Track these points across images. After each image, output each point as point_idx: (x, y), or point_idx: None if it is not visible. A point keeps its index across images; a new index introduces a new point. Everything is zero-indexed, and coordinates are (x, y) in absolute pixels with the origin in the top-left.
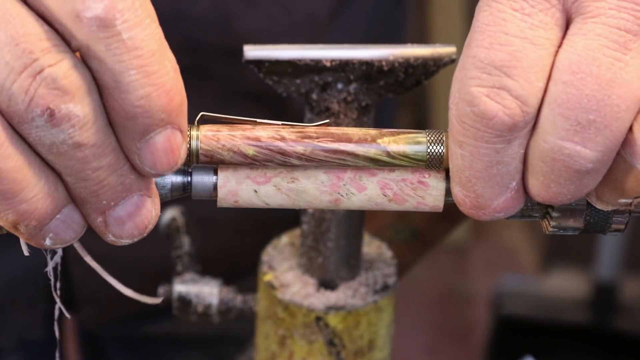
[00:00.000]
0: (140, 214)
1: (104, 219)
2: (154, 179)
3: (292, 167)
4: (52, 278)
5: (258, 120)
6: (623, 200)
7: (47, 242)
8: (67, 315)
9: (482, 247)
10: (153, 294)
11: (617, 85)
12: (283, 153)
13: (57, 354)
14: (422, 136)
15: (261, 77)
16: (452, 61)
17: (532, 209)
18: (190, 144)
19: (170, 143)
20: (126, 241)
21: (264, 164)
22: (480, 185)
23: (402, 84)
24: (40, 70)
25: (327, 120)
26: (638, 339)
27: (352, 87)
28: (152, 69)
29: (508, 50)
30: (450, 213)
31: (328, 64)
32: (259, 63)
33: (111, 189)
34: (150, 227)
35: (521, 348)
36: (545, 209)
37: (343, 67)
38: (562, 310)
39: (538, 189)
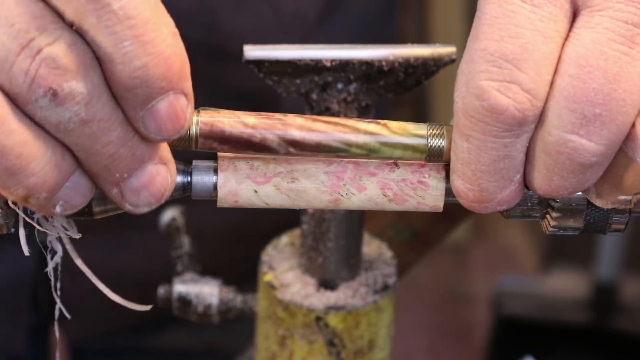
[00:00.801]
0: (155, 183)
1: (119, 190)
2: (167, 148)
3: (292, 160)
4: (52, 278)
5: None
6: (622, 197)
7: (58, 209)
8: (68, 316)
9: (482, 247)
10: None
11: (624, 79)
12: (284, 123)
13: (57, 354)
14: (422, 125)
15: (261, 77)
16: (452, 61)
17: (532, 209)
18: (190, 126)
19: (174, 108)
20: (144, 209)
21: (264, 137)
22: (485, 179)
23: (402, 84)
24: (39, 50)
25: None
26: (638, 339)
27: (352, 87)
28: (147, 38)
29: (519, 43)
30: (450, 213)
31: (328, 64)
32: (259, 63)
33: (123, 162)
34: (168, 194)
35: (521, 348)
36: (545, 209)
37: (343, 67)
38: (562, 310)
39: (540, 182)
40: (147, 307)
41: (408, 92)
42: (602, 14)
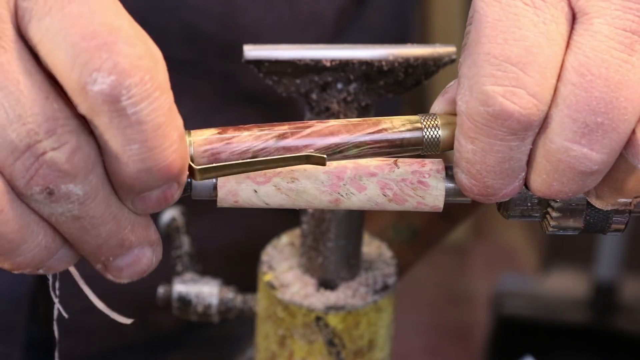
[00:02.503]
0: (140, 264)
1: (103, 266)
2: (155, 231)
3: (292, 167)
4: (50, 278)
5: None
6: (622, 200)
7: (40, 271)
8: (65, 315)
9: (482, 247)
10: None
11: (625, 87)
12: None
13: (56, 354)
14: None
15: (261, 77)
16: (452, 61)
17: (532, 209)
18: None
19: (165, 194)
20: (124, 281)
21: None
22: (490, 177)
23: (402, 84)
24: (43, 152)
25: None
26: (638, 339)
27: (352, 87)
28: (154, 144)
29: (523, 46)
30: (450, 213)
31: (328, 64)
32: (258, 63)
33: (110, 250)
34: (150, 271)
35: (521, 348)
36: (545, 209)
37: (343, 67)
38: (562, 310)
39: (539, 185)
40: (129, 321)
41: (408, 92)
42: (600, 21)
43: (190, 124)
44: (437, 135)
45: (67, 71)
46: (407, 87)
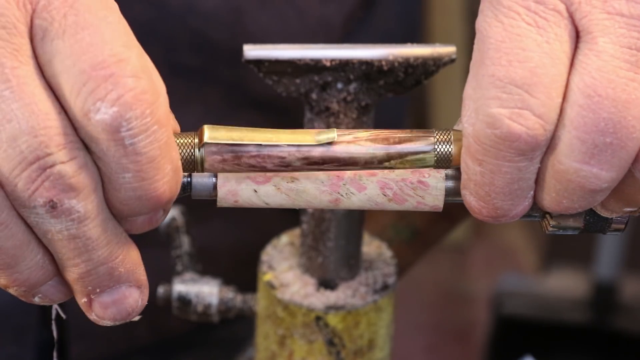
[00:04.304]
0: (125, 303)
1: (88, 300)
2: (144, 273)
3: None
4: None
5: (262, 143)
6: (628, 209)
7: (36, 300)
8: (63, 316)
9: (482, 247)
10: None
11: (632, 106)
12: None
13: (55, 354)
14: (429, 156)
15: (261, 77)
16: (451, 61)
17: (532, 209)
18: (194, 155)
19: (150, 220)
20: (107, 323)
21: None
22: (499, 199)
23: (402, 83)
24: (52, 165)
25: (334, 129)
26: (638, 338)
27: (352, 86)
28: (147, 175)
29: (528, 67)
30: (450, 213)
31: (328, 64)
32: (258, 63)
33: (98, 279)
34: (134, 314)
35: (521, 348)
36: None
37: (343, 66)
38: (562, 310)
39: (548, 203)
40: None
41: (408, 92)
42: (605, 40)
43: None
44: (450, 151)
45: (72, 96)
46: (407, 87)
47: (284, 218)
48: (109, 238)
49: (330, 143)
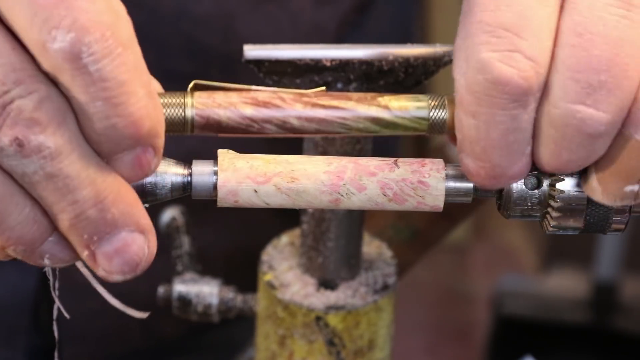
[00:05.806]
0: (129, 251)
1: (90, 253)
2: (145, 215)
3: (292, 160)
4: (50, 278)
5: (254, 87)
6: (629, 188)
7: (46, 261)
8: (67, 315)
9: (482, 247)
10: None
11: (625, 43)
12: (282, 111)
13: (56, 354)
14: (423, 97)
15: (261, 77)
16: (451, 61)
17: (532, 209)
18: (184, 112)
19: (140, 160)
20: (117, 277)
21: (262, 127)
22: (497, 154)
23: (402, 83)
24: (10, 101)
25: (324, 88)
26: (638, 338)
27: (352, 86)
28: (118, 101)
29: (517, 10)
30: (450, 213)
31: (328, 64)
32: (258, 63)
33: (91, 224)
34: (144, 265)
35: (521, 348)
36: (545, 209)
37: (343, 67)
38: (562, 310)
39: (548, 157)
40: (144, 315)
41: (408, 92)
42: None
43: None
44: (444, 117)
45: (26, 29)
46: (407, 87)
47: (281, 219)
48: (92, 176)
49: (316, 104)
